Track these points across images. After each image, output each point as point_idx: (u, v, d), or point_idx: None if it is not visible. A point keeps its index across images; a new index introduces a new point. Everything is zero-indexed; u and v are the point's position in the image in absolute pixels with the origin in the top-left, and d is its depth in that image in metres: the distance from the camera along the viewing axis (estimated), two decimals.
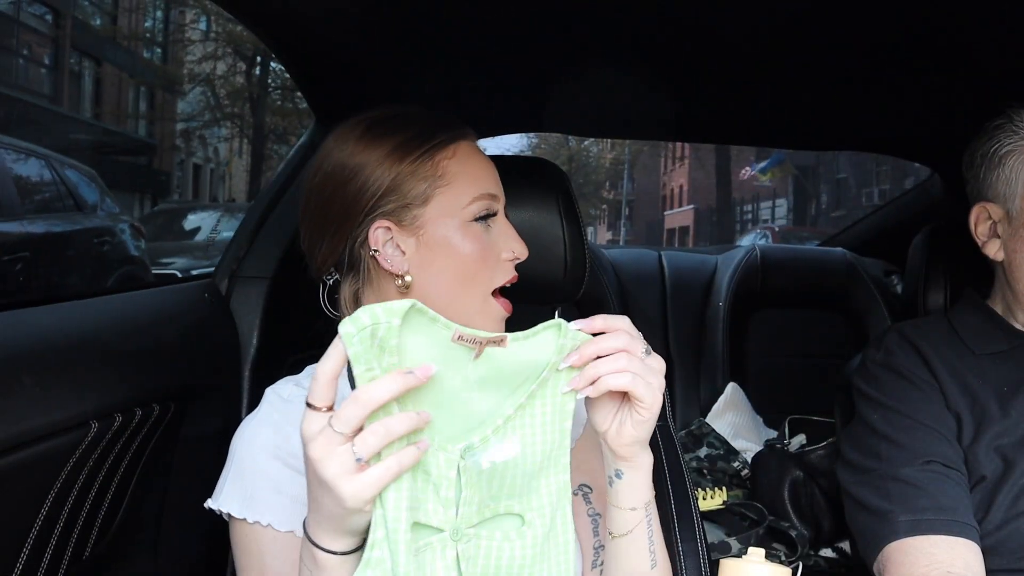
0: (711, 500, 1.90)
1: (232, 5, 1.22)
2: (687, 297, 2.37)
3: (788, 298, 2.37)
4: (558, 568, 0.82)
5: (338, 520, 0.71)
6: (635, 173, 31.93)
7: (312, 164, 0.98)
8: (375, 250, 0.93)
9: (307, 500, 0.74)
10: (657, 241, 30.04)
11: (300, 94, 1.58)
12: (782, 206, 24.65)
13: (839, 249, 2.49)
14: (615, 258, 2.42)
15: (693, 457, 2.04)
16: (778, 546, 1.77)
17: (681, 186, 31.19)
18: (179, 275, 6.09)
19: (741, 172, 21.81)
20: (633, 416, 0.81)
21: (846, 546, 1.81)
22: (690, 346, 2.31)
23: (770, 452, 1.91)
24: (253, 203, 1.59)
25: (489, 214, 0.95)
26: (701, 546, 1.14)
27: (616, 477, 0.85)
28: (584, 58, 1.42)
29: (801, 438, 1.90)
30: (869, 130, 1.92)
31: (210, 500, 0.93)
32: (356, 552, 0.75)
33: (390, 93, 1.53)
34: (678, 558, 1.10)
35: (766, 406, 2.23)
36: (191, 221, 9.70)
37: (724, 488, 1.94)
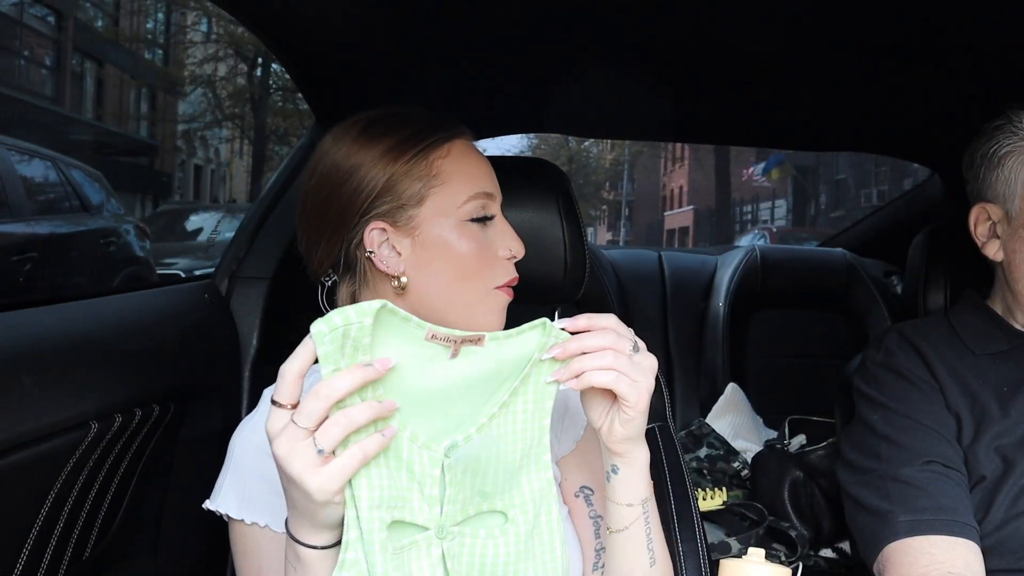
0: (711, 500, 1.89)
1: (232, 6, 1.22)
2: (687, 297, 2.38)
3: (788, 298, 2.37)
4: (543, 566, 0.82)
5: (311, 514, 0.73)
6: (635, 174, 31.92)
7: (309, 166, 0.98)
8: (371, 251, 0.92)
9: (274, 487, 0.75)
10: (657, 242, 30.03)
11: (301, 95, 1.58)
12: (781, 207, 24.64)
13: (839, 249, 2.49)
14: (615, 259, 2.42)
15: (693, 457, 2.04)
16: (778, 546, 1.77)
17: (681, 187, 31.18)
18: (182, 275, 6.11)
19: (748, 171, 21.81)
20: (620, 415, 0.81)
21: (846, 546, 1.81)
22: (690, 346, 2.31)
23: (770, 452, 1.91)
24: (253, 204, 1.59)
25: (486, 215, 0.94)
26: (701, 546, 1.14)
27: (612, 473, 0.85)
28: (584, 59, 1.42)
29: (801, 438, 1.90)
30: (869, 131, 1.92)
31: (208, 501, 0.93)
32: (337, 546, 0.76)
33: (390, 94, 1.53)
34: (678, 558, 1.10)
35: (766, 406, 2.23)
36: (193, 222, 9.72)
37: (724, 488, 1.94)
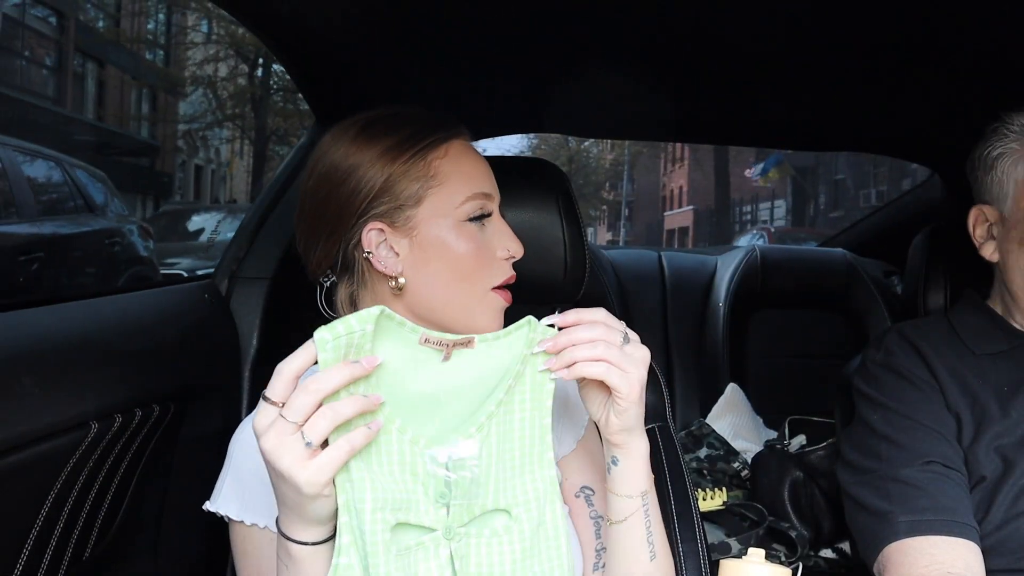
0: (711, 501, 1.89)
1: (232, 6, 1.22)
2: (687, 297, 2.37)
3: (788, 298, 2.37)
4: (550, 562, 0.83)
5: (301, 508, 0.73)
6: (635, 174, 31.90)
7: (307, 166, 0.98)
8: (369, 252, 0.92)
9: (268, 487, 0.75)
10: (657, 242, 30.03)
11: (301, 95, 1.58)
12: (781, 207, 24.62)
13: (839, 250, 2.49)
14: (615, 258, 2.42)
15: (693, 458, 2.04)
16: (778, 546, 1.77)
17: (681, 187, 31.16)
18: (185, 275, 6.14)
19: (748, 172, 21.78)
20: (614, 406, 0.82)
21: (846, 547, 1.81)
22: (690, 346, 2.31)
23: (770, 453, 1.91)
24: (253, 204, 1.59)
25: (484, 214, 0.94)
26: (701, 546, 1.13)
27: (613, 464, 0.86)
28: (584, 59, 1.42)
29: (801, 439, 1.90)
30: (869, 131, 1.92)
31: (208, 502, 0.93)
32: (327, 542, 0.76)
33: (390, 94, 1.53)
34: (678, 558, 1.10)
35: (766, 407, 2.23)
36: (195, 222, 9.73)
37: (724, 489, 1.94)
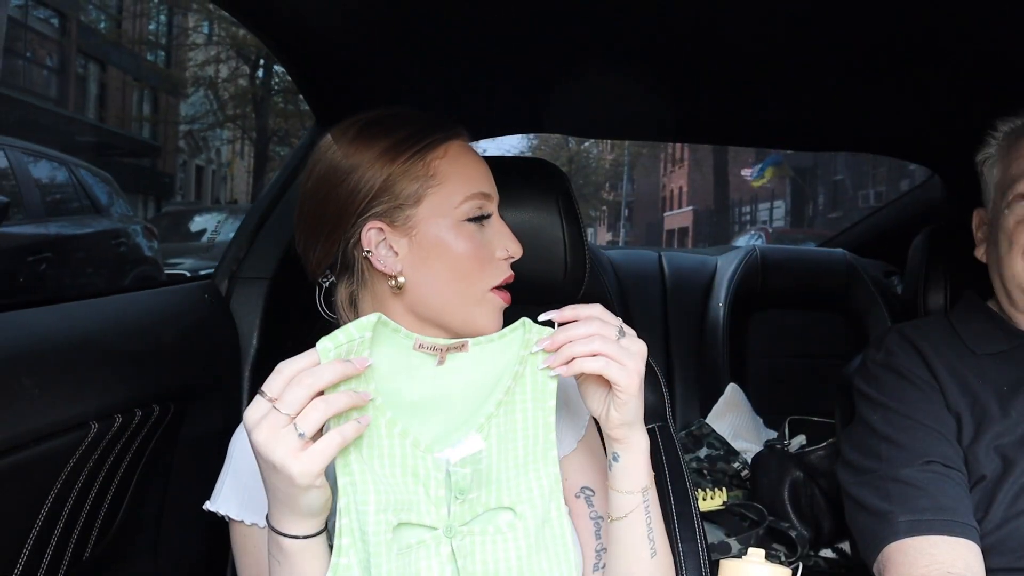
0: (711, 501, 1.89)
1: (232, 6, 1.22)
2: (687, 297, 2.37)
3: (788, 299, 2.37)
4: (556, 557, 0.84)
5: (293, 500, 0.74)
6: (635, 175, 31.90)
7: (307, 167, 0.98)
8: (368, 251, 0.92)
9: (264, 491, 0.77)
10: (656, 242, 30.03)
11: (301, 96, 1.58)
12: (780, 207, 24.63)
13: (839, 250, 2.49)
14: (615, 259, 2.42)
15: (693, 458, 2.04)
16: (778, 546, 1.77)
17: (680, 187, 31.17)
18: (188, 275, 6.19)
19: (743, 171, 21.80)
20: (614, 400, 0.83)
21: (846, 546, 1.81)
22: (690, 347, 2.31)
23: (770, 453, 1.91)
24: (253, 204, 1.59)
25: (483, 214, 0.95)
26: (701, 546, 1.14)
27: (614, 461, 0.87)
28: (584, 59, 1.42)
29: (801, 439, 1.90)
30: (869, 131, 1.92)
31: (209, 502, 0.94)
32: (318, 536, 0.77)
33: (390, 93, 1.53)
34: (678, 558, 1.10)
35: (766, 407, 2.23)
36: (197, 223, 9.77)
37: (724, 489, 1.94)
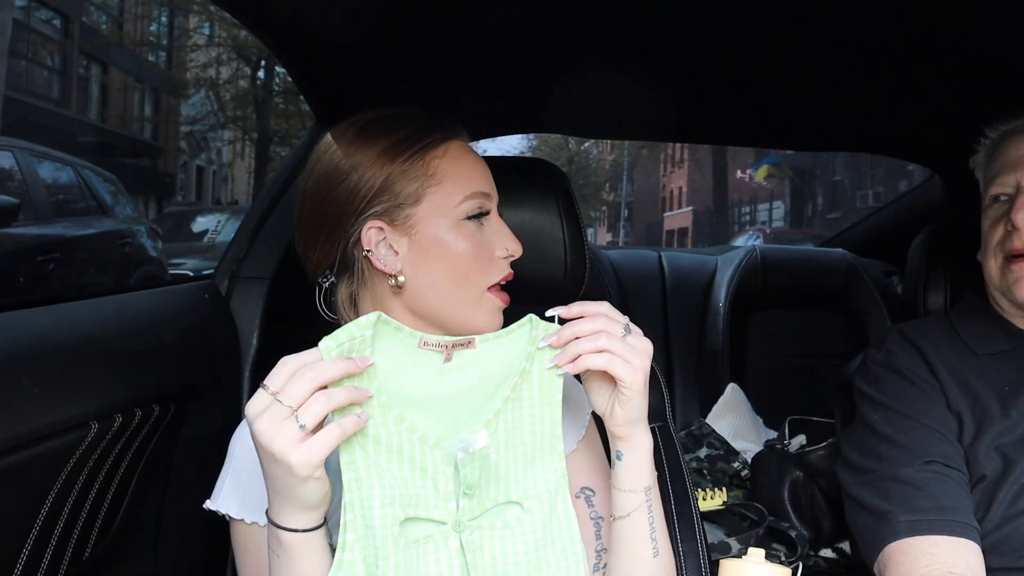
0: (711, 501, 1.89)
1: (232, 6, 1.22)
2: (687, 297, 2.37)
3: (788, 299, 2.37)
4: (563, 551, 0.85)
5: (292, 492, 0.75)
6: (635, 175, 31.91)
7: (307, 166, 0.98)
8: (368, 250, 0.93)
9: (264, 485, 0.77)
10: (656, 242, 30.02)
11: (302, 96, 1.59)
12: (779, 208, 24.64)
13: (839, 250, 2.49)
14: (615, 258, 2.42)
15: (693, 458, 2.04)
16: (778, 546, 1.77)
17: (680, 188, 31.17)
18: (191, 275, 6.27)
19: (745, 173, 21.83)
20: (619, 396, 0.83)
21: (846, 546, 1.81)
22: (690, 346, 2.31)
23: (770, 452, 1.91)
24: (253, 204, 1.59)
25: (482, 212, 0.95)
26: (701, 546, 1.14)
27: (617, 459, 0.87)
28: (584, 59, 1.42)
29: (801, 438, 1.90)
30: (869, 131, 1.92)
31: (209, 501, 0.94)
32: (317, 530, 0.78)
33: (390, 94, 1.53)
34: (678, 558, 1.10)
35: (766, 407, 2.23)
36: (200, 223, 9.82)
37: (724, 489, 1.94)
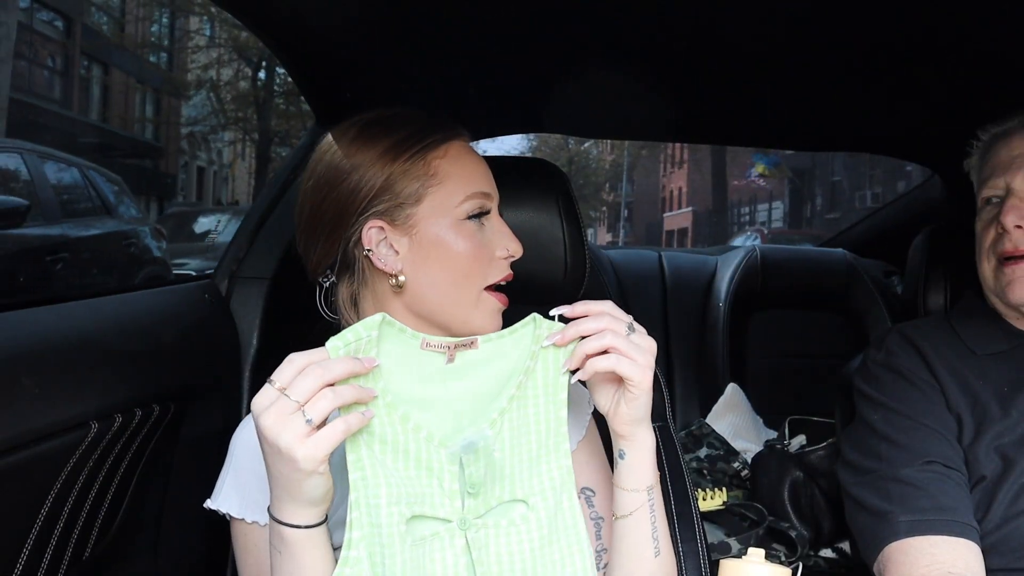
0: (711, 501, 1.89)
1: (232, 6, 1.22)
2: (687, 297, 2.37)
3: (788, 299, 2.36)
4: (569, 548, 0.85)
5: (296, 487, 0.75)
6: (634, 175, 31.90)
7: (307, 166, 0.98)
8: (369, 250, 0.93)
9: (267, 482, 0.77)
10: (656, 243, 30.02)
11: (303, 97, 1.59)
12: (778, 208, 24.66)
13: (839, 250, 2.49)
14: (615, 258, 2.42)
15: (693, 458, 2.04)
16: (778, 546, 1.77)
17: (680, 188, 31.18)
18: (194, 275, 6.33)
19: (735, 182, 21.87)
20: (625, 395, 0.84)
21: (846, 546, 1.80)
22: (690, 346, 2.31)
23: (770, 453, 1.91)
24: (253, 204, 1.59)
25: (482, 212, 0.95)
26: (701, 546, 1.14)
27: (620, 458, 0.88)
28: (584, 59, 1.42)
29: (801, 439, 1.90)
30: (869, 130, 1.92)
31: (209, 500, 0.94)
32: (319, 527, 0.78)
33: (390, 93, 1.53)
34: (678, 558, 1.10)
35: (766, 407, 2.23)
36: (202, 224, 9.92)
37: (724, 489, 1.93)
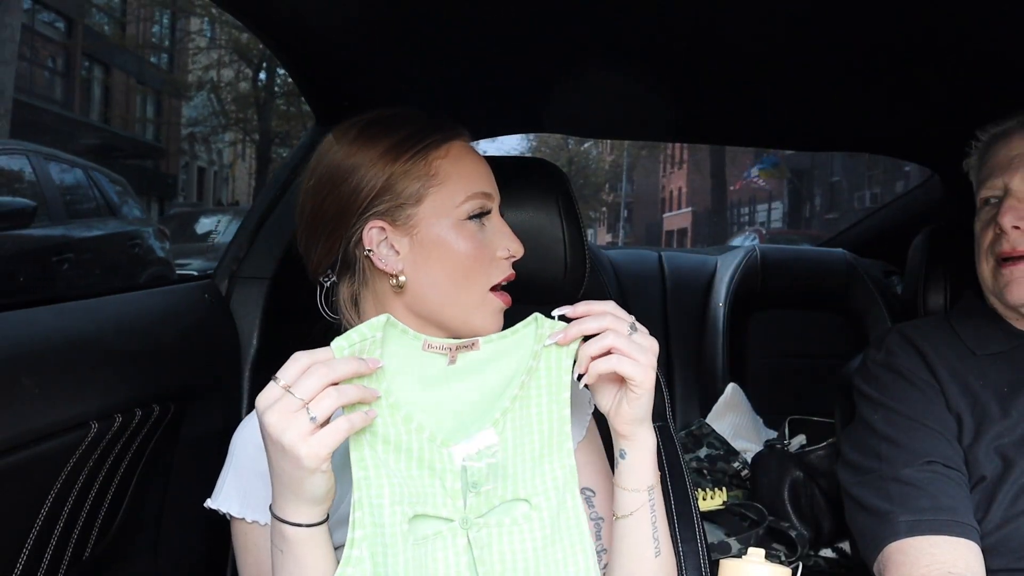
0: (711, 500, 1.89)
1: (233, 6, 1.22)
2: (687, 297, 2.37)
3: (788, 299, 2.36)
4: (572, 547, 0.85)
5: (298, 485, 0.75)
6: (634, 176, 31.91)
7: (308, 166, 0.98)
8: (369, 250, 0.93)
9: (270, 481, 0.78)
10: (656, 243, 30.02)
11: (303, 97, 1.59)
12: (778, 208, 24.66)
13: (839, 250, 2.49)
14: (615, 258, 2.42)
15: (693, 457, 2.04)
16: (778, 546, 1.77)
17: (680, 188, 31.19)
18: (196, 275, 6.39)
19: (735, 184, 21.89)
20: (628, 395, 0.84)
21: (846, 546, 1.81)
22: (690, 346, 2.31)
23: (770, 452, 1.91)
24: (253, 204, 1.59)
25: (483, 212, 0.95)
26: (701, 546, 1.14)
27: (620, 458, 0.88)
28: (584, 59, 1.42)
29: (801, 438, 1.90)
30: (869, 130, 1.92)
31: (210, 500, 0.94)
32: (320, 525, 0.78)
33: (390, 94, 1.53)
34: (678, 558, 1.10)
35: (766, 406, 2.23)
36: (204, 224, 9.97)
37: (724, 488, 1.93)
